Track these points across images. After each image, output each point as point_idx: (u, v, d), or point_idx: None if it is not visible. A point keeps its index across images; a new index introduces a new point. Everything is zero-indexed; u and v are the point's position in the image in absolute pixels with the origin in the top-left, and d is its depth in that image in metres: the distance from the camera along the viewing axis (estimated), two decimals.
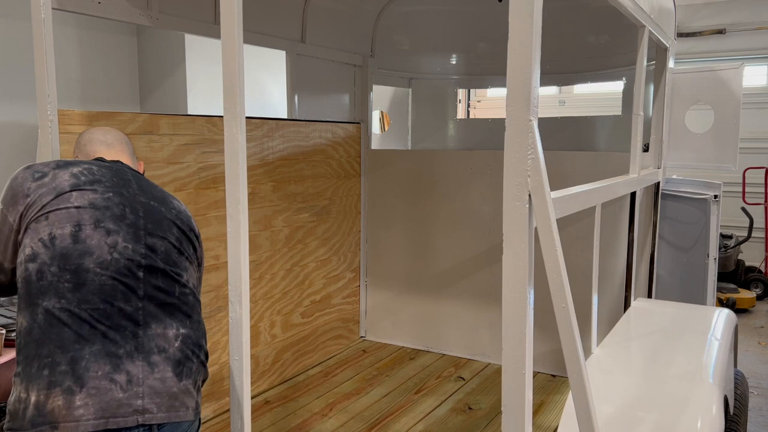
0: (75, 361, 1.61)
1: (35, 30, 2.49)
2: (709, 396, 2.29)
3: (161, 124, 3.15)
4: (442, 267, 4.59)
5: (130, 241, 1.75)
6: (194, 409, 1.80)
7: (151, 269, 1.78)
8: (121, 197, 1.79)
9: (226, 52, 2.00)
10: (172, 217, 1.90)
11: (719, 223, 3.77)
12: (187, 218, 1.97)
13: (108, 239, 1.71)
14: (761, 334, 5.99)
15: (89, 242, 1.69)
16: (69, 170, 1.77)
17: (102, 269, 1.69)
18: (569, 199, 1.85)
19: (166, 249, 1.83)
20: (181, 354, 1.78)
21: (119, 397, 1.63)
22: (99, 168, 1.83)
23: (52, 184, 1.73)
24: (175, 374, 1.74)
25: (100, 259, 1.69)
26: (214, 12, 3.49)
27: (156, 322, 1.75)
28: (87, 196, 1.73)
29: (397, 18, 4.81)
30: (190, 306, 1.86)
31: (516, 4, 1.49)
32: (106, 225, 1.72)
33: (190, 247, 1.94)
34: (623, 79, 4.49)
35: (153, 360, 1.71)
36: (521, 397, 1.55)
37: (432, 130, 5.34)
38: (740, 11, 7.75)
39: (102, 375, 1.62)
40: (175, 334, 1.78)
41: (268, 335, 3.93)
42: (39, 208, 1.70)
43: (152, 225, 1.82)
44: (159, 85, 5.87)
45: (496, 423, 3.48)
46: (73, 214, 1.69)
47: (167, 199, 1.94)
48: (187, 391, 1.77)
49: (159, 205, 1.88)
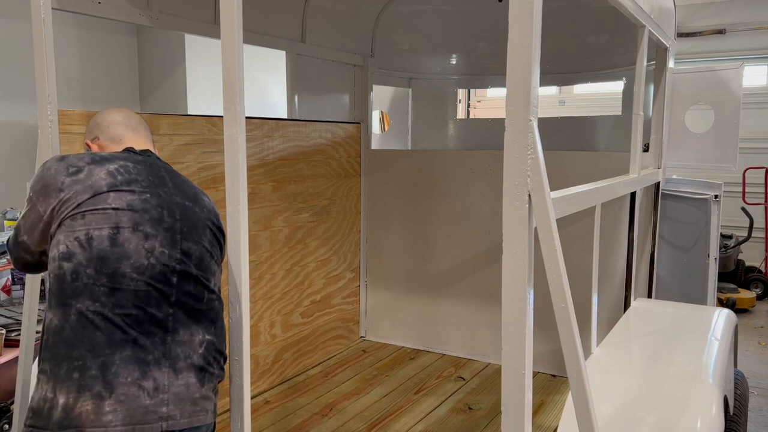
0: (105, 366, 1.61)
1: (35, 30, 2.49)
2: (709, 396, 2.29)
3: (161, 124, 3.15)
4: (442, 267, 4.59)
5: (167, 246, 1.73)
6: (212, 412, 1.85)
7: (185, 275, 1.78)
8: (159, 198, 1.77)
9: (226, 52, 2.00)
10: (205, 218, 1.89)
11: (719, 223, 3.77)
12: (217, 217, 1.97)
13: (146, 243, 1.69)
14: (761, 334, 5.99)
15: (127, 246, 1.67)
16: (105, 167, 1.72)
17: (138, 274, 1.68)
18: (569, 199, 1.85)
19: (200, 254, 1.83)
20: (204, 361, 1.80)
21: (146, 404, 1.64)
22: (134, 165, 1.80)
23: (88, 182, 1.68)
24: (198, 380, 1.77)
25: (138, 263, 1.68)
26: (214, 12, 3.49)
27: (184, 328, 1.76)
28: (125, 198, 1.70)
29: (397, 18, 4.81)
30: (215, 312, 1.88)
31: (516, 4, 1.49)
32: (144, 228, 1.70)
33: (218, 248, 1.95)
34: (623, 79, 4.49)
35: (178, 366, 1.72)
36: (521, 397, 1.55)
37: (432, 130, 5.34)
38: (740, 11, 7.75)
39: (131, 381, 1.63)
40: (201, 340, 1.80)
41: (268, 335, 3.93)
42: (74, 206, 1.66)
43: (188, 229, 1.81)
44: (159, 85, 5.87)
45: (496, 423, 3.48)
46: (111, 215, 1.66)
47: (199, 196, 1.93)
48: (207, 396, 1.80)
49: (193, 206, 1.87)
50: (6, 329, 3.59)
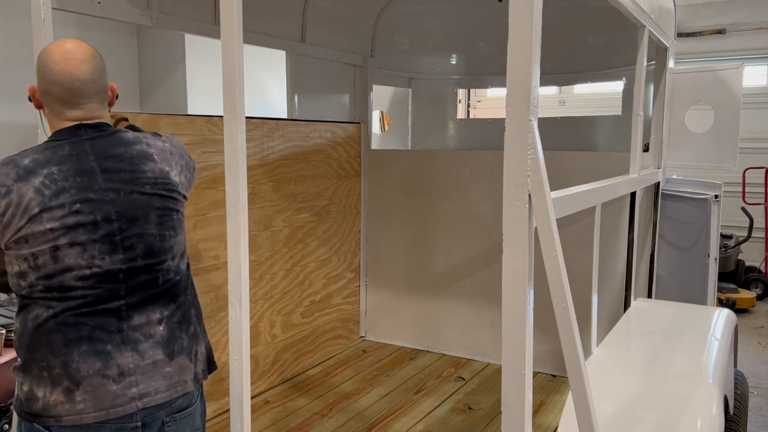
0: (66, 363, 1.71)
1: (35, 30, 2.49)
2: (709, 396, 2.29)
3: (161, 123, 3.15)
4: (442, 267, 4.59)
5: (107, 252, 1.73)
6: (193, 380, 1.90)
7: (132, 270, 1.78)
8: (90, 204, 1.71)
9: (226, 52, 2.00)
10: (147, 198, 1.80)
11: (719, 223, 3.77)
12: (164, 179, 1.85)
13: (84, 255, 1.71)
14: (761, 334, 5.99)
15: (67, 261, 1.70)
16: (31, 183, 1.68)
17: (83, 282, 1.72)
18: (569, 199, 1.85)
19: (145, 244, 1.80)
20: (169, 334, 1.84)
21: (113, 389, 1.73)
22: (59, 168, 1.71)
23: (21, 206, 1.66)
24: (166, 354, 1.82)
25: (80, 274, 1.71)
26: (214, 12, 3.49)
27: (138, 313, 1.80)
28: (56, 215, 1.68)
29: (397, 18, 4.81)
30: (176, 288, 1.89)
31: (516, 4, 1.49)
32: (80, 243, 1.70)
33: (174, 210, 1.88)
34: (623, 79, 4.49)
35: (141, 348, 1.78)
36: (521, 397, 1.55)
37: (432, 130, 5.34)
38: (740, 11, 7.75)
39: (93, 373, 1.71)
40: (159, 318, 1.83)
41: (268, 335, 3.93)
42: (15, 231, 1.67)
43: (127, 224, 1.76)
44: (159, 85, 5.87)
45: (496, 423, 3.48)
46: (48, 236, 1.68)
47: (138, 171, 1.80)
48: (181, 367, 1.86)
49: (130, 192, 1.78)
50: (6, 329, 3.59)
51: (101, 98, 1.86)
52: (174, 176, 1.90)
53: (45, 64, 1.78)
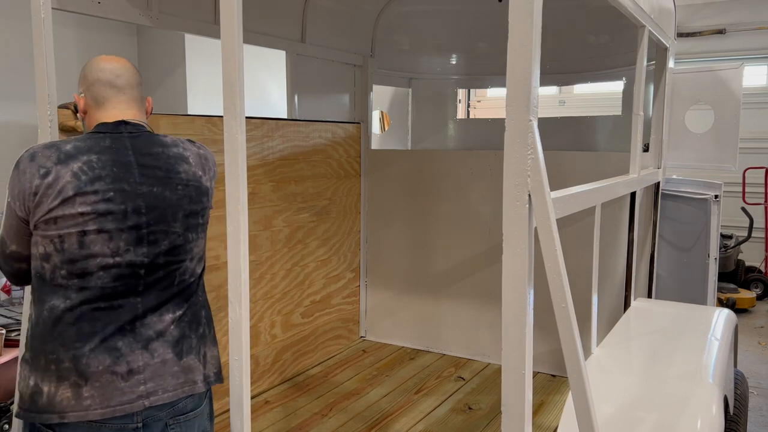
0: (77, 358, 1.72)
1: (35, 30, 2.49)
2: (709, 396, 2.29)
3: (161, 123, 3.15)
4: (442, 267, 4.59)
5: (132, 244, 1.77)
6: (203, 381, 1.92)
7: (152, 266, 1.81)
8: (123, 195, 1.76)
9: (226, 52, 2.00)
10: (177, 200, 1.85)
11: (719, 223, 3.77)
12: (196, 183, 1.91)
13: (110, 244, 1.74)
14: (761, 334, 5.99)
15: (93, 247, 1.72)
16: (70, 168, 1.73)
17: (105, 272, 1.74)
18: (569, 199, 1.85)
19: (169, 241, 1.84)
20: (179, 333, 1.87)
21: (121, 386, 1.74)
22: (99, 157, 1.77)
23: (57, 186, 1.71)
24: (175, 354, 1.84)
25: (103, 263, 1.74)
26: (214, 12, 3.49)
27: (152, 312, 1.82)
28: (90, 200, 1.72)
29: (397, 18, 4.81)
30: (188, 289, 1.92)
31: (516, 4, 1.49)
32: (108, 230, 1.74)
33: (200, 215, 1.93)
34: (623, 79, 4.49)
35: (151, 347, 1.80)
36: (521, 397, 1.55)
37: (432, 130, 5.34)
38: (740, 11, 7.75)
39: (103, 369, 1.72)
40: (172, 318, 1.86)
41: (268, 335, 3.93)
42: (47, 211, 1.71)
43: (156, 220, 1.81)
44: (159, 85, 5.87)
45: (496, 423, 3.48)
46: (78, 220, 1.71)
47: (172, 171, 1.87)
48: (190, 367, 1.87)
49: (163, 190, 1.83)
50: (6, 329, 3.59)
51: (141, 103, 1.98)
52: (206, 181, 1.95)
53: (92, 65, 1.93)
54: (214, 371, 1.97)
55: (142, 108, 1.97)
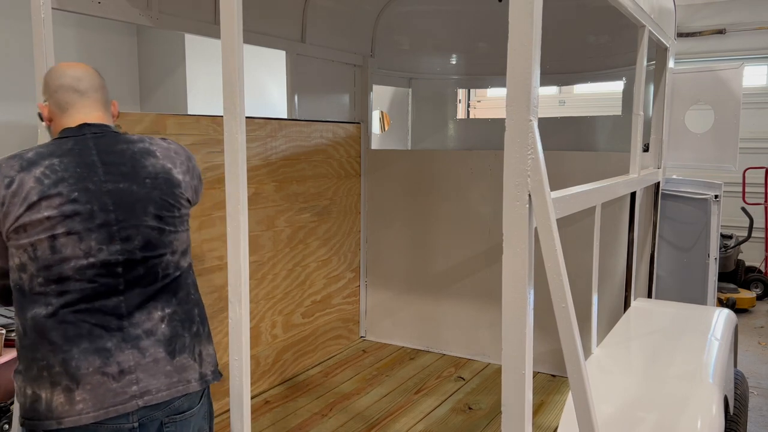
0: (66, 362, 1.71)
1: (35, 30, 2.49)
2: (709, 396, 2.29)
3: (168, 123, 3.15)
4: (442, 267, 4.59)
5: (104, 242, 1.75)
6: (198, 380, 1.90)
7: (130, 263, 1.79)
8: (88, 194, 1.74)
9: (226, 52, 2.00)
10: (146, 194, 1.83)
11: (719, 223, 3.77)
12: (166, 175, 1.89)
13: (81, 245, 1.72)
14: (761, 334, 5.99)
15: (65, 251, 1.71)
16: (32, 173, 1.73)
17: (80, 275, 1.73)
18: (569, 199, 1.85)
19: (143, 236, 1.81)
20: (171, 332, 1.85)
21: (113, 387, 1.73)
22: (61, 160, 1.76)
23: (21, 193, 1.71)
24: (168, 353, 1.82)
25: (77, 265, 1.73)
26: (214, 12, 3.49)
27: (139, 310, 1.80)
28: (54, 203, 1.71)
29: (397, 18, 4.81)
30: (175, 283, 1.90)
31: (516, 4, 1.49)
32: (77, 232, 1.72)
33: (175, 207, 1.90)
34: (623, 79, 4.49)
35: (142, 345, 1.79)
36: (521, 397, 1.55)
37: (432, 130, 5.34)
38: (740, 11, 7.75)
39: (93, 371, 1.72)
40: (161, 315, 1.84)
41: (269, 335, 3.93)
42: (15, 219, 1.71)
43: (125, 216, 1.78)
44: (159, 85, 5.87)
45: (496, 423, 3.48)
46: (46, 225, 1.70)
47: (138, 166, 1.85)
48: (183, 366, 1.85)
49: (130, 185, 1.81)
50: (6, 329, 3.59)
51: (106, 106, 1.98)
52: (177, 174, 1.92)
53: (53, 72, 1.94)
54: (211, 369, 1.96)
55: (107, 111, 1.98)
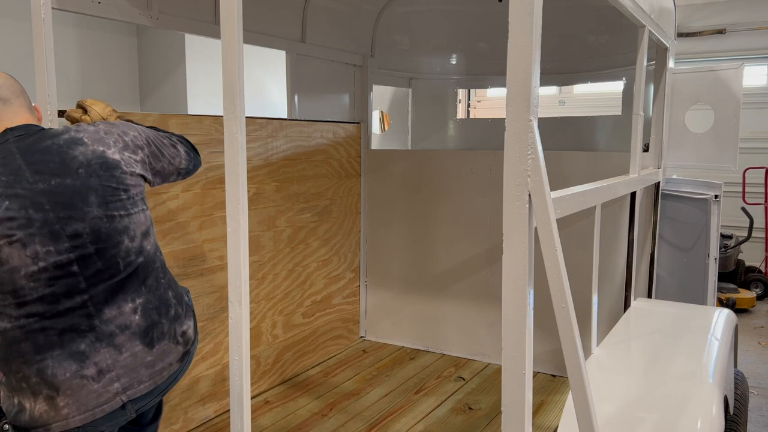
0: (41, 371, 1.67)
1: (35, 30, 2.49)
2: (709, 396, 2.29)
3: (170, 123, 3.15)
4: (442, 267, 4.59)
5: (49, 243, 1.69)
6: (178, 360, 1.90)
7: (84, 259, 1.74)
8: (19, 200, 1.69)
9: (226, 52, 2.00)
10: (81, 181, 1.76)
11: (719, 223, 3.77)
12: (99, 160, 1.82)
13: (27, 252, 1.67)
14: (761, 334, 5.99)
15: (12, 261, 1.66)
16: None
17: (35, 281, 1.68)
18: (569, 199, 1.85)
19: (91, 228, 1.75)
20: (146, 322, 1.82)
21: (95, 388, 1.71)
22: None
23: None
24: (146, 344, 1.81)
25: (28, 272, 1.67)
26: (214, 12, 3.49)
27: (108, 305, 1.76)
28: None
29: (397, 18, 4.81)
30: (141, 270, 1.85)
31: (516, 4, 1.49)
32: (18, 239, 1.67)
33: (119, 190, 1.83)
34: (623, 79, 4.49)
35: (118, 342, 1.76)
36: (521, 397, 1.55)
37: (432, 130, 5.34)
38: (740, 11, 7.75)
39: (71, 375, 1.68)
40: (133, 307, 1.80)
41: (269, 335, 3.93)
42: None
43: (65, 211, 1.72)
44: (159, 85, 5.88)
45: (496, 423, 3.48)
46: None
47: (67, 158, 1.78)
48: (164, 352, 1.85)
49: (62, 179, 1.75)
50: None
51: (30, 110, 1.92)
52: (112, 154, 1.85)
53: None
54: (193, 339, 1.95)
55: (32, 114, 1.93)
